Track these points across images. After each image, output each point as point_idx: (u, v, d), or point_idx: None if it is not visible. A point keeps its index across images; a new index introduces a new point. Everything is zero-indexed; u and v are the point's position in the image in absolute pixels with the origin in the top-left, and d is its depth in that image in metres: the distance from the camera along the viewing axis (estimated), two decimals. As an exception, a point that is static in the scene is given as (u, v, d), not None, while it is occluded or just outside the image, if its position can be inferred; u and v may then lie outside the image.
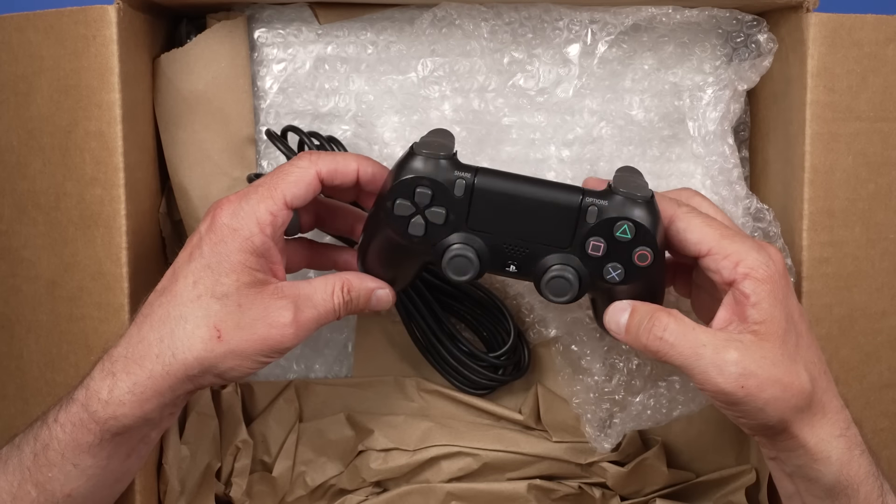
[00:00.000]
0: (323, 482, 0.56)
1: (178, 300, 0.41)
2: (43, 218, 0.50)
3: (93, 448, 0.41)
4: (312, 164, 0.43)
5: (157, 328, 0.41)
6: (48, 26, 0.48)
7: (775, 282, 0.40)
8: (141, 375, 0.40)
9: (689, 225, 0.42)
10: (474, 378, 0.56)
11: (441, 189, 0.42)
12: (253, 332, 0.40)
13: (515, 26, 0.54)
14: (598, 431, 0.55)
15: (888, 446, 0.53)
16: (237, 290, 0.40)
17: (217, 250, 0.40)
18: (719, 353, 0.40)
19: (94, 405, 0.40)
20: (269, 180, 0.42)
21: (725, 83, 0.54)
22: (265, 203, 0.41)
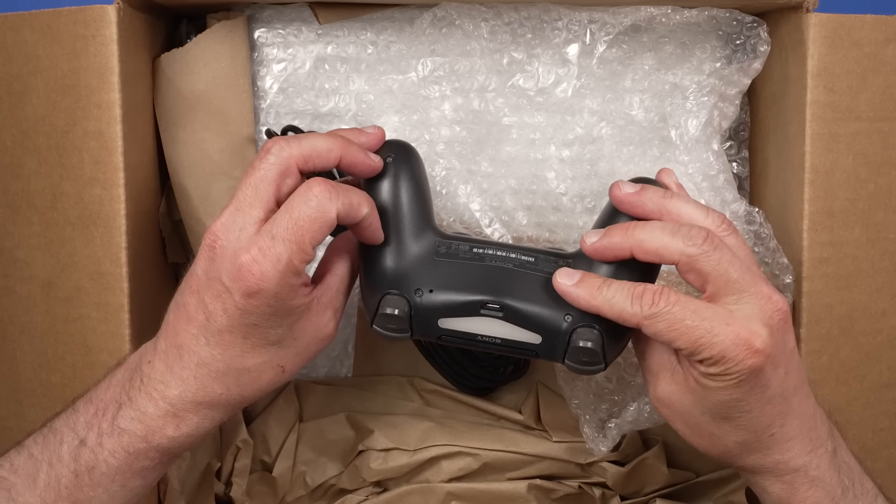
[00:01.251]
0: (323, 482, 0.56)
1: (233, 353, 0.40)
2: (38, 218, 0.50)
3: (146, 471, 0.42)
4: (333, 206, 0.40)
5: (221, 380, 0.41)
6: (45, 26, 0.48)
7: (744, 377, 0.38)
8: (212, 414, 0.42)
9: (656, 331, 0.39)
10: (474, 378, 0.56)
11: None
12: (311, 353, 0.43)
13: (515, 26, 0.54)
14: (596, 432, 0.55)
15: (888, 446, 0.53)
16: (290, 330, 0.41)
17: (261, 311, 0.39)
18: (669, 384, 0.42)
19: (159, 440, 0.41)
20: (292, 230, 0.39)
21: (708, 89, 0.54)
22: (297, 256, 0.39)
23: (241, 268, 0.39)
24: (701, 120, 0.54)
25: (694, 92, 0.54)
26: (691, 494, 0.57)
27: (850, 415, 0.52)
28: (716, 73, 0.54)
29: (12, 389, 0.51)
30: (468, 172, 0.55)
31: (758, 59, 0.53)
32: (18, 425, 0.51)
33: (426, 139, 0.54)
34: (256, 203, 0.40)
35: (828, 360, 0.51)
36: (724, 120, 0.55)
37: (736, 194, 0.54)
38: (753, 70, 0.53)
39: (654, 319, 0.39)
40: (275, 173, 0.40)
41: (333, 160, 0.42)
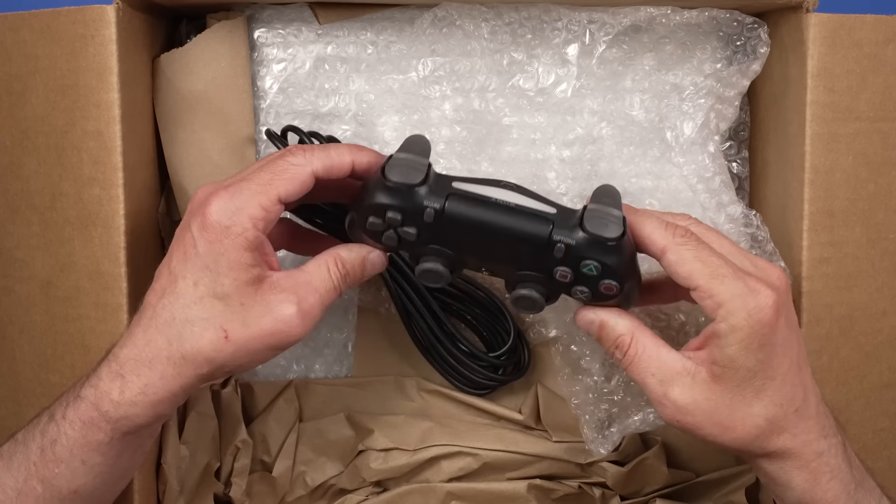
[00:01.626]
0: (323, 482, 0.56)
1: (181, 302, 0.40)
2: (37, 218, 0.50)
3: (102, 446, 0.41)
4: (308, 162, 0.42)
5: (164, 331, 0.40)
6: (44, 26, 0.48)
7: (753, 332, 0.40)
8: (152, 377, 0.40)
9: (680, 258, 0.41)
10: (474, 378, 0.56)
11: (410, 214, 0.42)
12: (260, 329, 0.40)
13: (515, 27, 0.54)
14: (595, 433, 0.55)
15: (888, 446, 0.53)
16: (237, 289, 0.40)
17: (213, 249, 0.40)
18: (662, 386, 0.41)
19: (106, 405, 0.40)
20: (261, 174, 0.41)
21: (706, 91, 0.54)
22: (258, 198, 0.40)
23: (204, 203, 0.40)
24: (697, 122, 0.54)
25: (690, 94, 0.54)
26: (691, 494, 0.57)
27: (851, 415, 0.52)
28: (713, 75, 0.54)
29: (11, 389, 0.51)
30: (468, 172, 0.55)
31: (757, 61, 0.53)
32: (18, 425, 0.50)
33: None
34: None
35: (828, 360, 0.51)
36: (721, 122, 0.55)
37: (733, 196, 0.54)
38: (752, 72, 0.53)
39: (682, 247, 0.41)
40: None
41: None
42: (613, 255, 0.41)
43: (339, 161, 0.43)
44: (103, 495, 0.44)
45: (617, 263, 0.41)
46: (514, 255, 0.43)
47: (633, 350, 0.42)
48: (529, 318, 0.56)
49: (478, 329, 0.57)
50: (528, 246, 0.42)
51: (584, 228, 0.41)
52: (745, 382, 0.41)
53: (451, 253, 0.43)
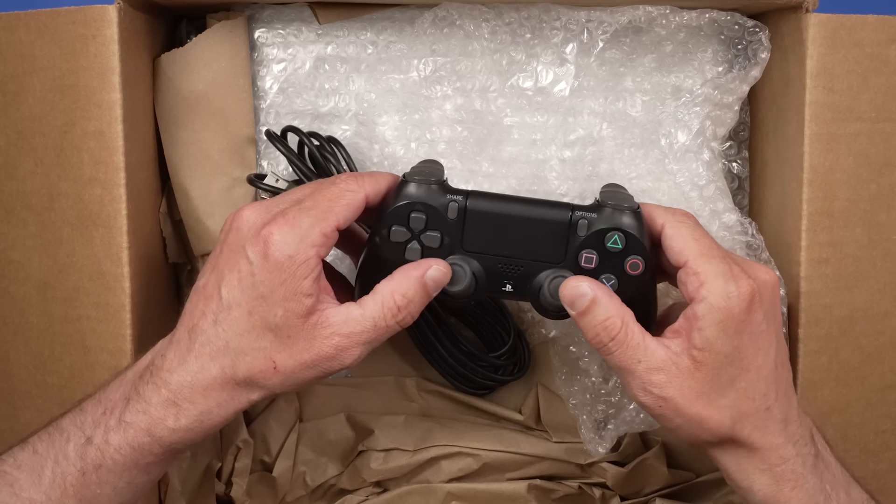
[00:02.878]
0: (323, 482, 0.56)
1: (235, 330, 0.40)
2: (34, 219, 0.50)
3: (150, 466, 0.42)
4: (360, 188, 0.42)
5: (218, 359, 0.41)
6: (42, 26, 0.48)
7: (730, 314, 0.40)
8: (208, 405, 0.41)
9: (677, 233, 0.43)
10: (474, 378, 0.56)
11: (435, 213, 0.42)
12: (303, 363, 0.41)
13: (515, 26, 0.54)
14: (593, 434, 0.55)
15: (891, 448, 0.53)
16: (287, 320, 0.40)
17: (272, 278, 0.40)
18: (648, 374, 0.41)
19: (160, 432, 0.41)
20: (319, 201, 0.41)
21: (702, 98, 0.54)
22: (319, 227, 0.40)
23: (263, 230, 0.40)
24: (692, 129, 0.54)
25: (686, 101, 0.54)
26: (691, 494, 0.57)
27: (851, 417, 0.52)
28: (711, 82, 0.54)
29: (5, 392, 0.51)
30: (469, 172, 0.55)
31: (757, 66, 0.53)
32: (12, 427, 0.51)
33: (427, 139, 0.54)
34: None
35: (827, 360, 0.51)
36: (719, 127, 0.55)
37: (728, 204, 0.54)
38: (752, 77, 0.53)
39: (680, 224, 0.43)
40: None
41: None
42: (635, 221, 0.42)
43: (384, 183, 0.43)
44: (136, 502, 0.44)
45: (639, 232, 0.42)
46: (538, 248, 0.43)
47: (622, 335, 0.41)
48: (529, 317, 0.56)
49: (478, 329, 0.57)
50: (551, 231, 0.43)
51: (603, 203, 0.43)
52: (722, 369, 0.41)
53: (474, 261, 0.43)
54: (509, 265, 0.43)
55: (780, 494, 0.42)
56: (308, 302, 0.40)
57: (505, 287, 0.44)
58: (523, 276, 0.43)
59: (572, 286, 0.42)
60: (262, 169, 0.56)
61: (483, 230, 0.43)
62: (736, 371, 0.41)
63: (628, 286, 0.43)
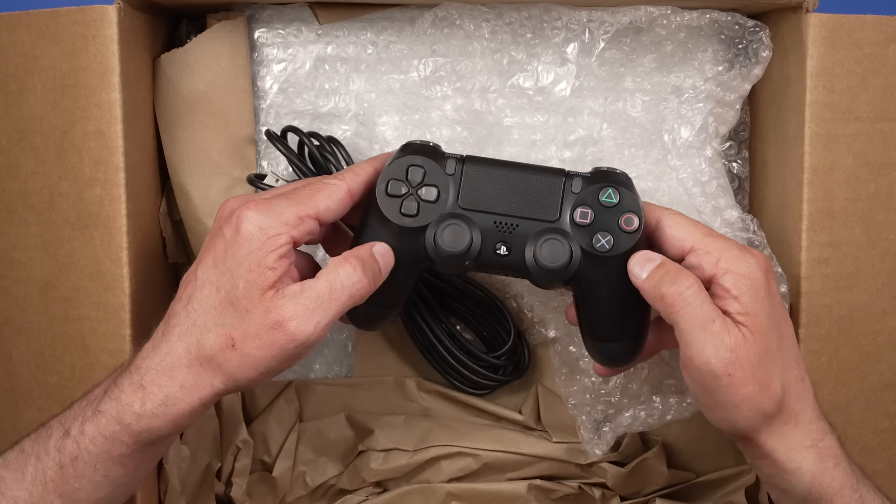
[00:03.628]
0: (323, 482, 0.56)
1: (203, 308, 0.40)
2: (35, 219, 0.50)
3: (124, 458, 0.41)
4: (342, 181, 0.43)
5: (185, 338, 0.40)
6: (42, 26, 0.48)
7: (757, 279, 0.41)
8: (172, 388, 0.40)
9: (675, 222, 0.43)
10: (474, 378, 0.56)
11: (433, 168, 0.43)
12: (259, 337, 0.39)
13: (516, 26, 0.54)
14: (592, 434, 0.55)
15: (889, 447, 0.53)
16: (246, 292, 0.40)
17: (240, 251, 0.40)
18: (724, 334, 0.40)
19: (128, 418, 0.40)
20: (299, 191, 0.42)
21: (705, 95, 0.54)
22: (295, 208, 0.41)
23: (239, 211, 0.41)
24: (695, 126, 0.54)
25: (689, 98, 0.54)
26: (691, 495, 0.57)
27: (850, 416, 0.52)
28: (714, 79, 0.54)
29: (8, 391, 0.51)
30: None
31: (759, 65, 0.53)
32: (14, 427, 0.51)
33: (427, 139, 0.54)
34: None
35: (827, 360, 0.51)
36: (721, 125, 0.55)
37: (730, 201, 0.54)
38: (754, 76, 0.53)
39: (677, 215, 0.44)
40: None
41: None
42: (627, 181, 0.44)
43: (364, 174, 0.44)
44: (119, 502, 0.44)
45: (632, 190, 0.44)
46: (533, 205, 0.43)
47: (698, 288, 0.40)
48: (530, 317, 0.56)
49: (478, 329, 0.57)
50: (547, 189, 0.43)
51: (596, 169, 0.45)
52: (769, 334, 0.41)
53: (470, 219, 0.43)
54: (504, 224, 0.44)
55: (825, 473, 0.41)
56: (270, 276, 0.40)
57: (499, 249, 0.44)
58: (518, 236, 0.43)
59: (637, 256, 0.43)
60: (262, 169, 0.56)
61: (479, 188, 0.43)
62: (776, 337, 0.41)
63: (623, 243, 0.43)
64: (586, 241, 0.43)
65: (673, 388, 0.55)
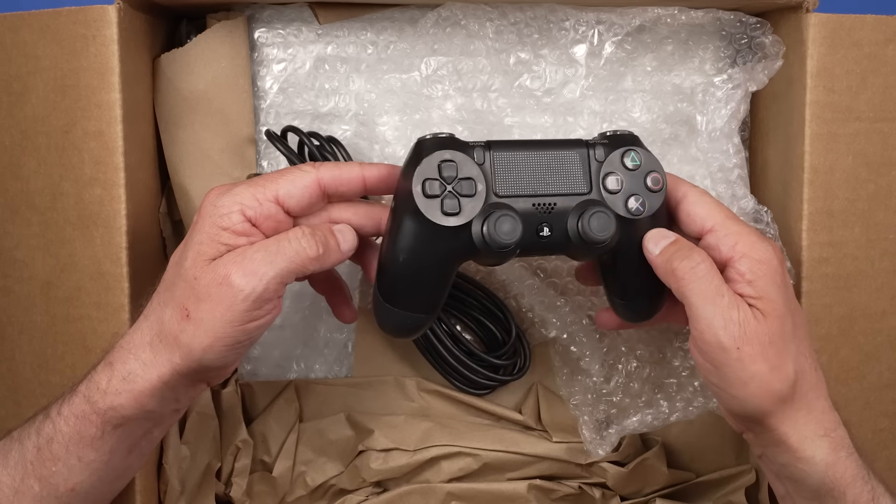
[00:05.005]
0: (323, 482, 0.56)
1: (164, 286, 0.41)
2: (37, 218, 0.50)
3: (95, 441, 0.41)
4: (314, 169, 0.42)
5: (149, 317, 0.41)
6: (44, 26, 0.48)
7: (773, 266, 0.41)
8: (134, 365, 0.40)
9: (700, 200, 0.44)
10: (474, 378, 0.56)
11: (463, 160, 0.42)
12: (210, 301, 0.39)
13: (521, 27, 0.54)
14: (594, 434, 0.55)
15: (888, 446, 0.53)
16: (194, 262, 0.40)
17: (196, 228, 0.41)
18: (732, 309, 0.40)
19: (94, 395, 0.40)
20: (266, 175, 0.43)
21: (738, 82, 0.54)
22: (252, 190, 0.41)
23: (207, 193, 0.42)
24: (729, 110, 0.54)
25: (726, 83, 0.54)
26: (691, 494, 0.57)
27: (850, 415, 0.52)
28: (746, 68, 0.54)
29: (11, 390, 0.51)
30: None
31: (776, 59, 0.53)
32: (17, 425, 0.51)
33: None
34: None
35: (827, 360, 0.51)
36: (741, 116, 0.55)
37: (747, 191, 0.54)
38: (773, 69, 0.53)
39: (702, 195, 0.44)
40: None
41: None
42: (639, 141, 0.45)
43: (347, 172, 0.43)
44: (101, 494, 0.44)
45: (645, 148, 0.45)
46: (565, 180, 0.44)
47: (709, 264, 0.41)
48: (530, 317, 0.56)
49: (478, 329, 0.57)
50: (574, 162, 0.44)
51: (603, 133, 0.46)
52: (784, 319, 0.41)
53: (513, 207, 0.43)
54: (542, 205, 0.43)
55: (838, 462, 0.41)
56: (221, 248, 0.40)
57: (542, 231, 0.43)
58: (557, 214, 0.43)
59: (652, 233, 0.44)
60: (262, 169, 0.56)
61: (511, 173, 0.43)
62: (791, 324, 0.41)
63: (653, 203, 0.44)
64: (622, 207, 0.44)
65: (674, 388, 0.55)
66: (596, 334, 0.56)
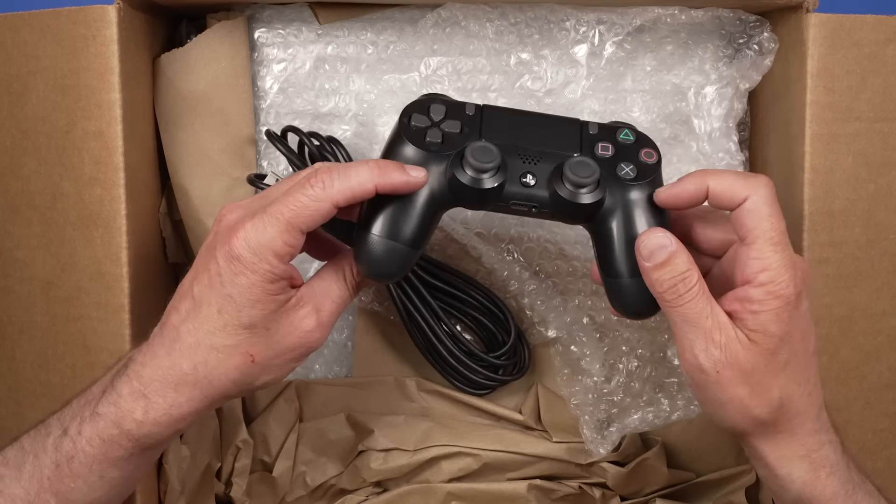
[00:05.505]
0: (323, 482, 0.56)
1: (206, 328, 0.41)
2: (38, 218, 0.50)
3: (121, 461, 0.41)
4: (328, 197, 0.41)
5: (189, 356, 0.41)
6: (44, 26, 0.48)
7: (787, 303, 0.40)
8: (179, 400, 0.41)
9: (755, 210, 0.41)
10: (474, 378, 0.56)
11: (454, 106, 0.44)
12: (283, 346, 0.42)
13: (521, 27, 0.54)
14: (595, 433, 0.55)
15: (888, 446, 0.53)
16: (263, 318, 0.41)
17: (237, 281, 0.40)
18: (714, 332, 0.40)
19: (128, 425, 0.40)
20: (283, 206, 0.40)
21: (728, 80, 0.54)
22: (282, 236, 0.40)
23: (229, 231, 0.40)
24: (723, 110, 0.54)
25: (715, 82, 0.54)
26: (691, 495, 0.57)
27: (850, 415, 0.52)
28: (735, 66, 0.54)
29: (11, 389, 0.51)
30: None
31: (767, 56, 0.53)
32: (18, 426, 0.51)
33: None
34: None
35: (827, 360, 0.51)
36: (736, 115, 0.55)
37: None
38: (764, 66, 0.53)
39: (762, 201, 0.42)
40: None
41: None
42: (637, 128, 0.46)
43: (360, 189, 0.42)
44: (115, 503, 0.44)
45: (643, 133, 0.45)
46: (554, 141, 0.44)
47: (698, 287, 0.41)
48: (530, 317, 0.56)
49: (478, 329, 0.57)
50: (565, 130, 0.45)
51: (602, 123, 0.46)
52: (777, 352, 0.40)
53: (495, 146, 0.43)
54: (528, 156, 0.43)
55: (817, 481, 0.42)
56: (279, 299, 0.41)
57: (525, 178, 0.43)
58: (542, 168, 0.43)
59: (652, 237, 0.42)
60: (262, 169, 0.56)
61: (501, 125, 0.44)
62: (788, 355, 0.41)
63: (646, 173, 0.44)
64: (610, 169, 0.43)
65: (675, 387, 0.55)
66: (596, 334, 0.56)
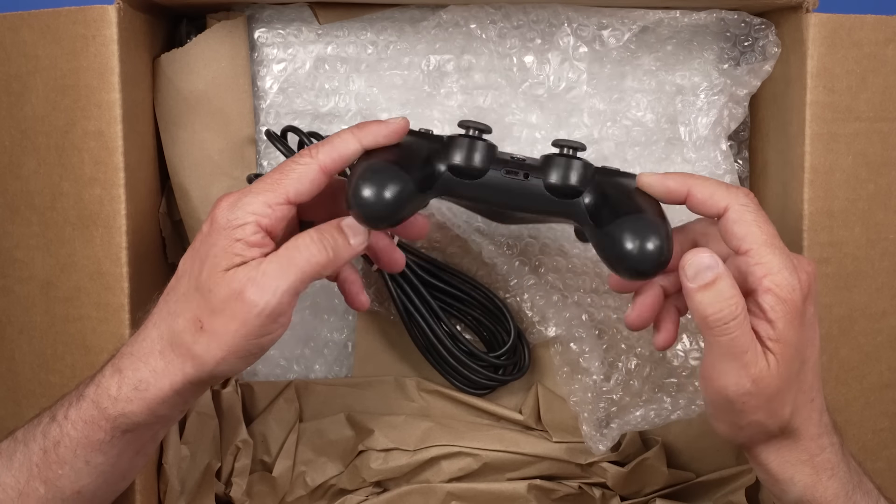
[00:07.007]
0: (323, 482, 0.56)
1: (174, 297, 0.41)
2: (37, 218, 0.50)
3: (104, 445, 0.41)
4: (314, 159, 0.41)
5: (159, 325, 0.41)
6: (44, 26, 0.48)
7: (795, 306, 0.40)
8: (145, 372, 0.40)
9: (741, 218, 0.41)
10: (474, 378, 0.56)
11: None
12: (226, 313, 0.39)
13: (524, 30, 0.54)
14: (594, 431, 0.55)
15: (888, 446, 0.53)
16: (210, 276, 0.40)
17: (208, 241, 0.40)
18: (751, 366, 0.39)
19: (104, 402, 0.40)
20: (271, 176, 0.41)
21: (720, 88, 0.54)
22: (263, 196, 0.40)
23: (215, 203, 0.41)
24: (711, 118, 0.54)
25: (705, 90, 0.54)
26: (691, 495, 0.57)
27: (850, 415, 0.52)
28: (727, 73, 0.54)
29: (10, 390, 0.51)
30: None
31: (768, 62, 0.53)
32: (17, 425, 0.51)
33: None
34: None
35: (827, 360, 0.51)
36: (732, 121, 0.55)
37: None
38: (764, 72, 0.53)
39: (744, 207, 0.41)
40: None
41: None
42: None
43: (344, 150, 0.42)
44: (105, 495, 0.44)
45: None
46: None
47: (742, 317, 0.39)
48: (530, 317, 0.56)
49: (478, 329, 0.57)
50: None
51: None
52: (792, 361, 0.40)
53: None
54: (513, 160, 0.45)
55: (818, 485, 0.42)
56: (236, 260, 0.39)
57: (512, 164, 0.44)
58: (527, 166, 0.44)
59: (698, 256, 0.40)
60: (262, 169, 0.56)
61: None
62: (799, 363, 0.41)
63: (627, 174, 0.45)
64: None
65: (674, 388, 0.55)
66: (595, 332, 0.56)
